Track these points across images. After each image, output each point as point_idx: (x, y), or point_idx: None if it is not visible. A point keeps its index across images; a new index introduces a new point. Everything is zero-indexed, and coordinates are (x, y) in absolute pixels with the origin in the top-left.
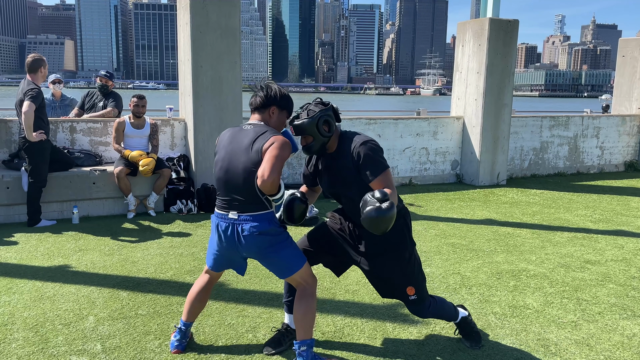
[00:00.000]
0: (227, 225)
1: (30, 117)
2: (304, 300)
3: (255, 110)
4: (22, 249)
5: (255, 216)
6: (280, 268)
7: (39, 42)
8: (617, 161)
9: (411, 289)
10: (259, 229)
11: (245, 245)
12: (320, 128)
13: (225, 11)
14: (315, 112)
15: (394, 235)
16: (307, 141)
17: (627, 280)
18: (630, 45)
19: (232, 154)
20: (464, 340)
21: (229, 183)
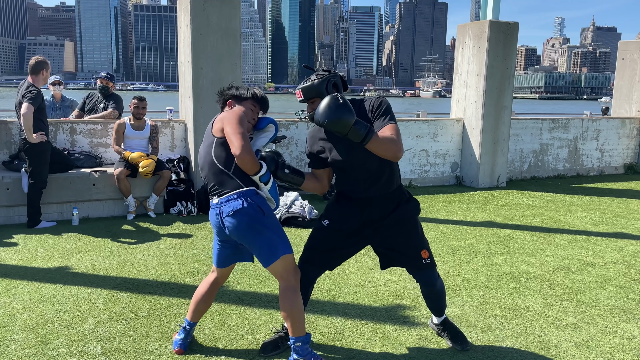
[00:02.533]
0: (213, 211)
1: (29, 118)
2: (287, 297)
3: (221, 108)
4: (22, 250)
5: (230, 196)
6: (261, 252)
7: (39, 44)
8: (617, 163)
9: (425, 252)
10: (234, 208)
11: (228, 229)
12: (329, 89)
13: (225, 13)
14: (324, 75)
15: (410, 204)
16: (315, 107)
17: (626, 283)
18: (630, 48)
19: (200, 152)
20: (453, 342)
21: (204, 172)
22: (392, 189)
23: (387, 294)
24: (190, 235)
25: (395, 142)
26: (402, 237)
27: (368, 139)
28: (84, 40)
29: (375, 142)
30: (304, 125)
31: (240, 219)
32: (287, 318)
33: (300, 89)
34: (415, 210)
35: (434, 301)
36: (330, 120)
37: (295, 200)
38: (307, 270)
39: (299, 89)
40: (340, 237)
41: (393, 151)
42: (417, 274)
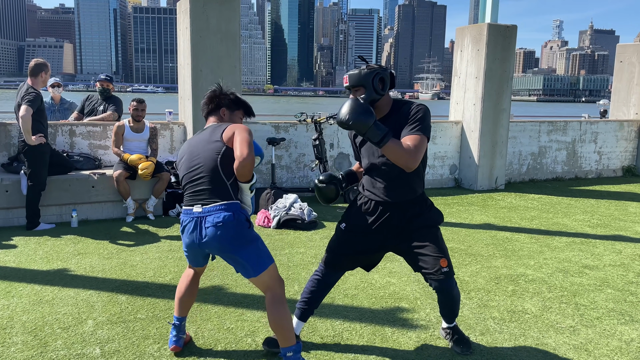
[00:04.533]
0: (190, 220)
1: (28, 121)
2: (276, 308)
3: (207, 115)
4: (21, 252)
5: (220, 206)
6: (245, 266)
7: (38, 45)
8: (615, 166)
9: (444, 260)
10: (223, 219)
11: (207, 240)
12: (375, 82)
13: (225, 15)
14: (375, 67)
15: (433, 211)
16: (357, 95)
17: (625, 286)
18: (628, 51)
19: (194, 151)
20: (455, 346)
21: (194, 177)
22: (413, 196)
23: (386, 297)
24: None
25: (410, 152)
26: (424, 244)
27: (384, 141)
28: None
29: (390, 147)
30: (303, 128)
31: (227, 232)
32: (277, 329)
33: (348, 75)
34: (438, 218)
35: (447, 308)
36: (349, 119)
37: (294, 203)
38: (326, 273)
39: (347, 75)
40: (357, 240)
41: (405, 160)
42: (434, 282)
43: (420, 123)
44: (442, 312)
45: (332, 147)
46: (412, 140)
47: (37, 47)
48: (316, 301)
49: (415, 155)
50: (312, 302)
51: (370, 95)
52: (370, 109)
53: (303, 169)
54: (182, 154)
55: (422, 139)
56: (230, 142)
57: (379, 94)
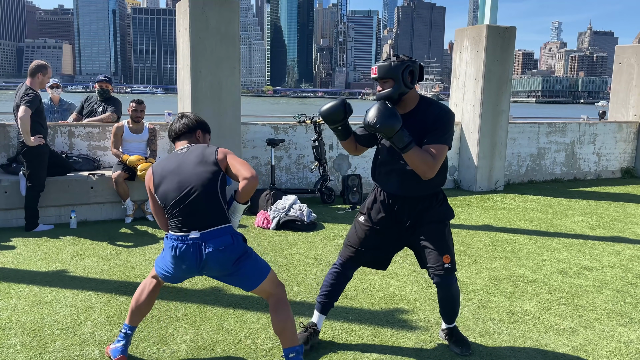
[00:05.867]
0: (188, 246)
1: (26, 122)
2: (280, 311)
3: (180, 136)
4: (19, 253)
5: (219, 230)
6: (246, 280)
7: (37, 46)
8: (614, 168)
9: (447, 257)
10: (224, 243)
11: (209, 264)
12: (405, 75)
13: (224, 17)
14: (404, 59)
15: (443, 207)
16: (385, 87)
17: (624, 287)
18: (627, 53)
19: (184, 174)
20: (454, 347)
21: (188, 202)
22: (427, 191)
23: (386, 298)
24: None
25: (429, 163)
26: (429, 239)
27: (408, 148)
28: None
29: (412, 155)
30: (302, 129)
31: (229, 255)
32: (282, 331)
33: (377, 66)
34: (447, 214)
35: (447, 306)
36: (377, 123)
37: (293, 204)
38: (343, 266)
39: (376, 66)
40: (374, 232)
41: (422, 170)
42: (435, 277)
43: (444, 132)
44: (441, 312)
45: (332, 149)
46: (434, 150)
47: (36, 48)
48: (336, 294)
49: (434, 166)
50: (331, 296)
51: (399, 88)
52: (397, 114)
53: (302, 170)
54: (162, 176)
55: (443, 149)
56: (224, 165)
57: (407, 87)
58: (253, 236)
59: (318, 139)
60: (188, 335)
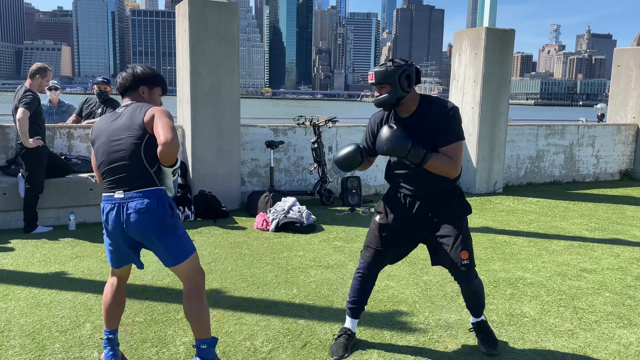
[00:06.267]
0: (112, 207)
1: (25, 123)
2: (194, 298)
3: (124, 93)
4: (18, 255)
5: (143, 192)
6: (166, 254)
7: (36, 48)
8: (613, 170)
9: (465, 253)
10: (146, 205)
11: (129, 226)
12: (402, 79)
13: (224, 18)
14: (400, 64)
15: (460, 204)
16: (382, 92)
17: (623, 289)
18: (626, 55)
19: (112, 136)
20: (481, 343)
21: (114, 163)
22: (441, 188)
23: (385, 300)
24: None
25: (451, 165)
26: (446, 235)
27: (426, 161)
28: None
29: (432, 164)
30: (301, 131)
31: (149, 219)
32: (193, 320)
33: (374, 72)
34: (465, 209)
35: (470, 301)
36: (388, 148)
37: (293, 206)
38: (366, 269)
39: (372, 72)
40: (391, 232)
41: (447, 173)
42: (454, 273)
43: (454, 128)
44: (467, 306)
45: (331, 150)
46: (451, 151)
47: (35, 49)
48: (364, 297)
49: (456, 165)
50: (360, 300)
51: (396, 93)
52: (405, 135)
53: (302, 172)
54: (97, 135)
55: (459, 146)
56: (151, 127)
57: (405, 91)
58: (252, 238)
59: (317, 141)
60: (187, 337)
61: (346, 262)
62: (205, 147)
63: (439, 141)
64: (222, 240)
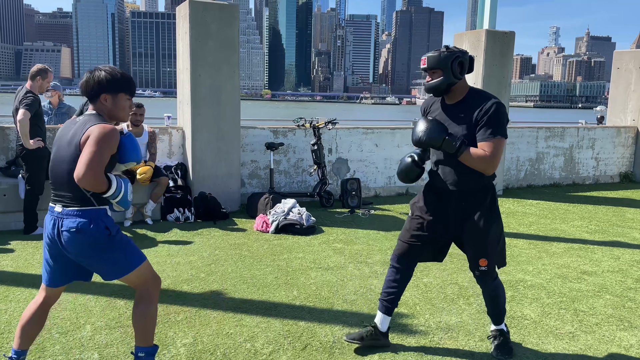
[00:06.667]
0: (52, 220)
1: (25, 125)
2: (141, 305)
3: (89, 100)
4: (18, 256)
5: (78, 211)
6: (105, 270)
7: (36, 49)
8: (612, 172)
9: (484, 260)
10: (78, 225)
11: (64, 244)
12: (454, 66)
13: (224, 21)
14: (455, 50)
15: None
16: (434, 77)
17: (623, 292)
18: (625, 58)
19: (59, 148)
20: (494, 350)
21: (56, 177)
22: (474, 185)
23: None
24: (188, 242)
25: (486, 160)
26: (471, 239)
27: (460, 152)
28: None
29: (467, 157)
30: (301, 132)
31: (82, 238)
32: (137, 326)
33: (426, 57)
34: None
35: (488, 304)
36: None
37: (292, 208)
38: (399, 262)
39: (425, 57)
40: (424, 226)
41: (482, 168)
42: (475, 277)
43: (496, 125)
44: (487, 311)
45: (331, 152)
46: (488, 147)
47: (35, 51)
48: (397, 294)
49: (492, 162)
50: (394, 294)
51: (447, 79)
52: (440, 126)
53: (301, 174)
54: (55, 140)
55: (499, 142)
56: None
57: (456, 77)
58: (252, 240)
59: (317, 143)
60: (188, 339)
61: (346, 264)
62: (205, 148)
63: (479, 134)
64: (222, 242)
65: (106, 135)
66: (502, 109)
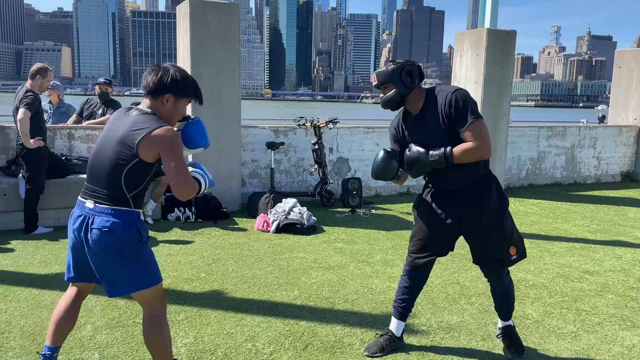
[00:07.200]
0: (80, 215)
1: (26, 124)
2: (151, 328)
3: (148, 94)
4: (18, 256)
5: (111, 210)
6: (124, 279)
7: (36, 49)
8: (614, 171)
9: (513, 249)
10: (111, 225)
11: (91, 243)
12: (403, 76)
13: (225, 20)
14: (402, 62)
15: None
16: (386, 92)
17: (625, 291)
18: (627, 57)
19: (106, 141)
20: (507, 349)
21: (95, 171)
22: (471, 181)
23: (387, 302)
24: (188, 242)
25: (478, 147)
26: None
27: (450, 159)
28: (82, 46)
29: (459, 158)
30: (302, 132)
31: (111, 240)
32: (152, 349)
33: (376, 74)
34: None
35: (499, 300)
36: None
37: (293, 207)
38: (413, 272)
39: (375, 74)
40: (429, 229)
41: (479, 157)
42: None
43: (466, 111)
44: (495, 307)
45: (332, 152)
46: (473, 135)
47: (35, 50)
48: (411, 298)
49: (484, 144)
50: (407, 300)
51: (400, 90)
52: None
53: (302, 174)
54: (104, 131)
55: (479, 123)
56: (146, 156)
57: (407, 87)
58: (253, 239)
59: (318, 142)
60: (189, 339)
61: (347, 263)
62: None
63: (457, 127)
64: (223, 242)
65: (177, 142)
66: (464, 94)
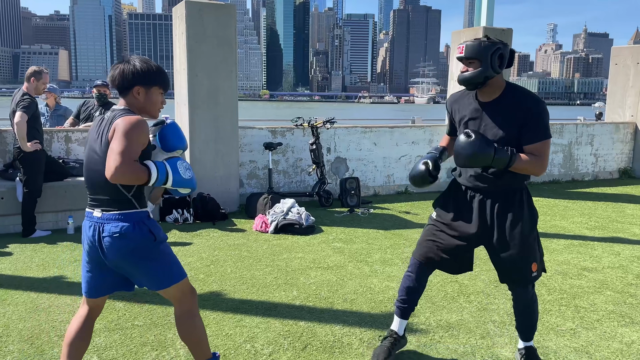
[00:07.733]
0: (91, 226)
1: (23, 127)
2: (184, 324)
3: (119, 93)
4: (16, 259)
5: (119, 215)
6: (149, 279)
7: (33, 52)
8: (612, 168)
9: (535, 265)
10: (122, 230)
11: (105, 252)
12: (494, 57)
13: (221, 21)
14: (496, 41)
15: (527, 208)
16: (470, 67)
17: (624, 287)
18: (623, 54)
19: (91, 150)
20: None
21: (90, 181)
22: (507, 186)
23: (385, 301)
24: (187, 244)
25: (537, 165)
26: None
27: (512, 163)
28: (79, 49)
29: (517, 166)
30: (299, 132)
31: (125, 244)
32: (188, 343)
33: (465, 45)
34: (532, 216)
35: (520, 316)
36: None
37: (292, 207)
38: (416, 266)
39: (463, 44)
40: (448, 230)
41: (534, 172)
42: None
43: (544, 127)
44: (516, 325)
45: (329, 152)
46: (538, 150)
47: (32, 54)
48: (414, 298)
49: (542, 165)
50: (409, 300)
51: (485, 71)
52: (486, 141)
53: (300, 174)
54: (87, 140)
55: (547, 143)
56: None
57: (495, 71)
58: (251, 240)
59: (315, 142)
60: None
61: (346, 263)
62: (204, 149)
63: (525, 138)
64: (221, 243)
65: (132, 125)
66: (546, 109)
